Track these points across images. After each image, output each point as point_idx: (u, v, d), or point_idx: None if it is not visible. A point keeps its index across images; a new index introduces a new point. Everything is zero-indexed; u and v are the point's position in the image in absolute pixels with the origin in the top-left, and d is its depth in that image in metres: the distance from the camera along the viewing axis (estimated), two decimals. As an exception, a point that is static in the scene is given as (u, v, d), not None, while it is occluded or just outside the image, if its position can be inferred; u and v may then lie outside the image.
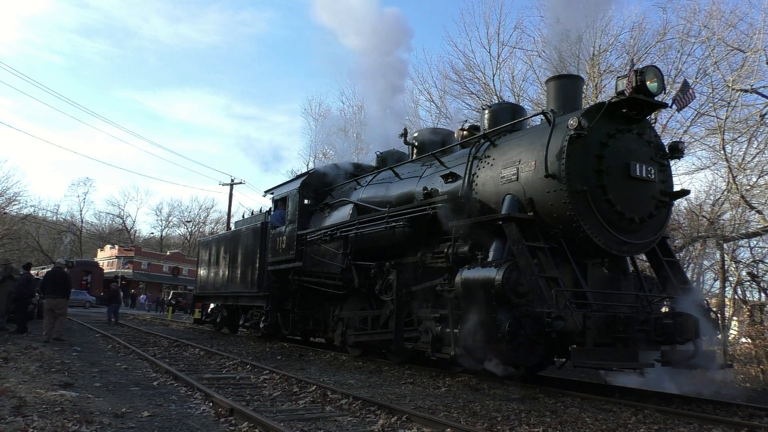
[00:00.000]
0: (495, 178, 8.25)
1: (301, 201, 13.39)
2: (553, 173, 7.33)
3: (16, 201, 48.04)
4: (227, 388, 7.30)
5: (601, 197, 7.30)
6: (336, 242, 11.45)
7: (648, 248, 8.08)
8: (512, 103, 12.30)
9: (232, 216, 33.65)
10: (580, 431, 5.54)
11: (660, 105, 7.96)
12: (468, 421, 5.70)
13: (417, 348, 9.33)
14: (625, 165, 7.46)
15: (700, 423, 6.02)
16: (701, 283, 19.00)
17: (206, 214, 71.21)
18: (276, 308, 14.34)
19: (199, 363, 10.12)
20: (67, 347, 11.63)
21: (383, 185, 11.13)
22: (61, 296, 13.10)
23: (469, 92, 20.79)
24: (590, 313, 6.50)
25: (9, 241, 45.68)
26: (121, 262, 56.04)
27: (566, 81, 8.73)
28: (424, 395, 7.26)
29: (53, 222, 61.88)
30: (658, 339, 6.85)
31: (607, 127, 7.48)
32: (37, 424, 4.77)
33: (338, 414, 5.94)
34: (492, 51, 20.50)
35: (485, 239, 7.87)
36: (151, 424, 5.17)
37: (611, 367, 6.99)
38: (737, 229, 15.57)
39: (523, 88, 20.34)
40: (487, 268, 7.26)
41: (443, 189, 9.07)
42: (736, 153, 15.60)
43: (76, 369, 8.53)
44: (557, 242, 7.51)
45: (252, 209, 25.12)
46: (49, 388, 6.49)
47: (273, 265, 14.08)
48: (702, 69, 16.10)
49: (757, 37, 14.50)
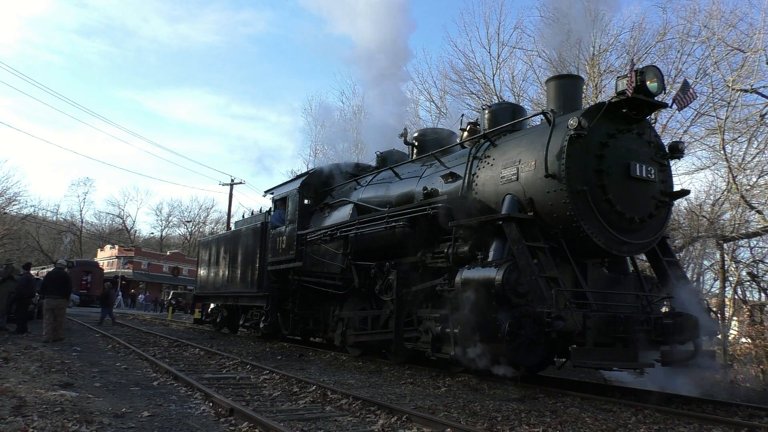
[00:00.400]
0: (495, 178, 8.25)
1: (301, 201, 13.39)
2: (553, 173, 7.33)
3: (16, 201, 48.10)
4: (227, 388, 7.30)
5: (601, 197, 7.31)
6: (336, 242, 11.45)
7: (648, 248, 8.08)
8: (512, 103, 12.29)
9: (232, 216, 33.67)
10: (580, 431, 5.54)
11: (660, 105, 7.96)
12: (468, 421, 5.71)
13: (417, 348, 9.33)
14: (625, 165, 7.47)
15: (700, 423, 6.02)
16: (701, 283, 19.00)
17: (206, 214, 71.29)
18: (276, 308, 14.34)
19: (199, 363, 10.13)
20: (67, 347, 11.63)
21: (383, 185, 11.13)
22: (61, 296, 13.13)
23: (469, 92, 20.82)
24: (590, 313, 6.51)
25: (9, 241, 45.68)
26: (121, 262, 56.02)
27: (566, 81, 8.74)
28: (424, 395, 7.26)
29: (53, 222, 61.93)
30: (658, 339, 6.86)
31: (607, 127, 7.49)
32: (37, 424, 4.77)
33: (338, 414, 5.95)
34: (492, 51, 20.51)
35: (485, 239, 7.87)
36: (151, 424, 5.17)
37: (611, 367, 6.99)
38: (737, 229, 15.57)
39: (523, 88, 20.36)
40: (487, 268, 7.26)
41: (443, 189, 9.07)
42: (736, 153, 15.60)
43: (76, 369, 8.53)
44: (557, 242, 7.51)
45: (252, 209, 25.13)
46: (49, 388, 6.50)
47: (273, 265, 14.08)
48: (702, 69, 16.10)
49: (757, 37, 14.50)
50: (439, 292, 8.52)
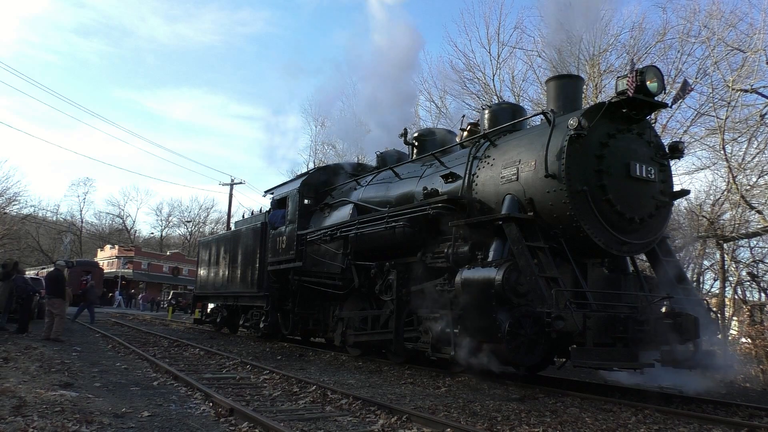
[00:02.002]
0: (495, 178, 8.25)
1: (301, 201, 13.40)
2: (553, 173, 7.33)
3: (16, 201, 48.05)
4: (227, 388, 7.30)
5: (601, 197, 7.31)
6: (336, 242, 11.45)
7: (648, 248, 8.08)
8: (512, 103, 12.30)
9: (232, 216, 33.69)
10: (580, 431, 5.55)
11: (660, 105, 7.96)
12: (468, 421, 5.71)
13: (417, 348, 9.34)
14: (625, 165, 7.47)
15: (700, 423, 6.03)
16: (701, 283, 19.00)
17: (206, 214, 71.35)
18: (276, 308, 14.35)
19: (199, 363, 10.13)
20: (67, 347, 11.64)
21: (383, 185, 11.13)
22: (57, 296, 13.18)
23: (470, 92, 20.84)
24: (590, 313, 6.51)
25: (9, 241, 45.65)
26: (121, 262, 56.00)
27: (566, 81, 8.73)
28: (424, 395, 7.26)
29: (53, 222, 61.87)
30: (657, 339, 6.86)
31: (607, 127, 7.49)
32: (37, 424, 4.77)
33: (338, 414, 5.95)
34: (492, 51, 20.53)
35: (485, 239, 7.87)
36: (151, 424, 5.18)
37: (611, 367, 6.99)
38: (737, 229, 15.57)
39: (523, 88, 20.38)
40: (487, 268, 7.26)
41: (443, 189, 9.07)
42: (736, 153, 15.60)
43: (76, 369, 8.53)
44: (557, 242, 7.51)
45: (252, 209, 25.13)
46: (49, 388, 6.50)
47: (273, 265, 14.08)
48: (702, 69, 16.11)
49: (757, 37, 14.51)
50: (439, 292, 8.52)
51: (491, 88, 20.27)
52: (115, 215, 71.04)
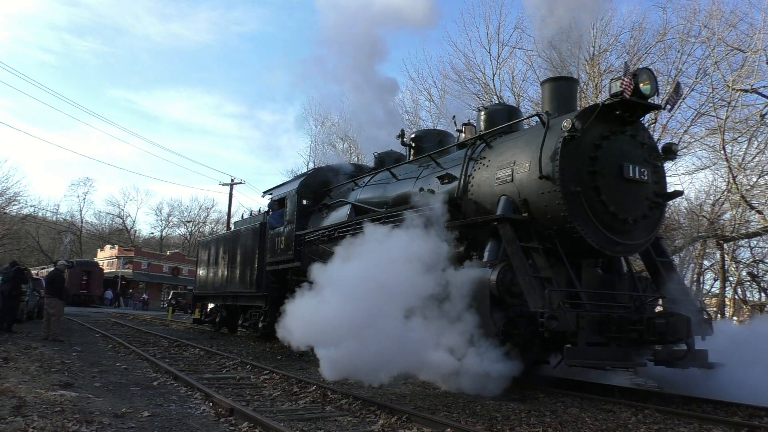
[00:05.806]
0: (490, 179, 8.32)
1: (299, 201, 13.45)
2: (548, 174, 7.40)
3: (16, 201, 48.21)
4: (227, 388, 7.36)
5: (594, 198, 7.38)
6: (334, 242, 11.50)
7: (641, 249, 8.16)
8: (508, 105, 12.37)
9: (231, 216, 33.72)
10: (580, 431, 5.57)
11: (653, 107, 8.02)
12: (468, 421, 5.72)
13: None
14: (618, 166, 7.53)
15: (700, 423, 6.00)
16: (701, 283, 19.06)
17: (206, 214, 71.34)
18: (275, 308, 14.38)
19: (199, 363, 10.19)
20: (67, 347, 11.69)
21: (381, 186, 11.19)
22: (52, 296, 13.26)
23: (469, 92, 20.90)
24: (583, 313, 6.57)
25: (9, 241, 45.79)
26: (121, 262, 56.07)
27: (561, 83, 8.80)
28: (424, 395, 7.29)
29: (53, 222, 61.93)
30: (650, 338, 6.92)
31: (600, 129, 7.56)
32: (37, 424, 4.81)
33: (338, 414, 5.98)
34: (492, 51, 20.60)
35: (481, 240, 7.94)
36: (151, 424, 5.22)
37: (604, 366, 7.05)
38: (737, 229, 15.64)
39: (523, 88, 20.45)
40: (481, 268, 7.33)
41: (440, 190, 9.14)
42: (736, 153, 15.68)
43: (76, 369, 8.59)
44: (551, 243, 7.58)
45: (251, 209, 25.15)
46: (49, 388, 6.55)
47: (272, 265, 14.14)
48: (702, 69, 16.17)
49: (757, 37, 14.58)
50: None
51: (491, 88, 20.34)
52: (115, 215, 71.16)
